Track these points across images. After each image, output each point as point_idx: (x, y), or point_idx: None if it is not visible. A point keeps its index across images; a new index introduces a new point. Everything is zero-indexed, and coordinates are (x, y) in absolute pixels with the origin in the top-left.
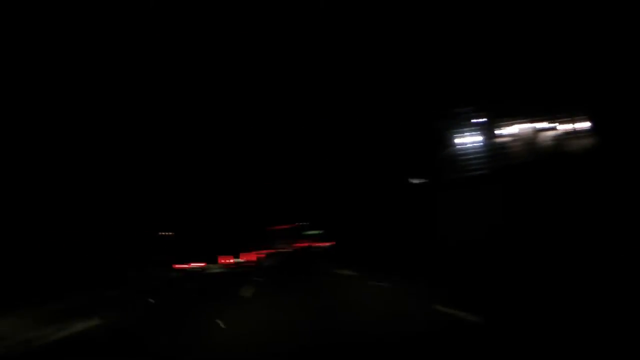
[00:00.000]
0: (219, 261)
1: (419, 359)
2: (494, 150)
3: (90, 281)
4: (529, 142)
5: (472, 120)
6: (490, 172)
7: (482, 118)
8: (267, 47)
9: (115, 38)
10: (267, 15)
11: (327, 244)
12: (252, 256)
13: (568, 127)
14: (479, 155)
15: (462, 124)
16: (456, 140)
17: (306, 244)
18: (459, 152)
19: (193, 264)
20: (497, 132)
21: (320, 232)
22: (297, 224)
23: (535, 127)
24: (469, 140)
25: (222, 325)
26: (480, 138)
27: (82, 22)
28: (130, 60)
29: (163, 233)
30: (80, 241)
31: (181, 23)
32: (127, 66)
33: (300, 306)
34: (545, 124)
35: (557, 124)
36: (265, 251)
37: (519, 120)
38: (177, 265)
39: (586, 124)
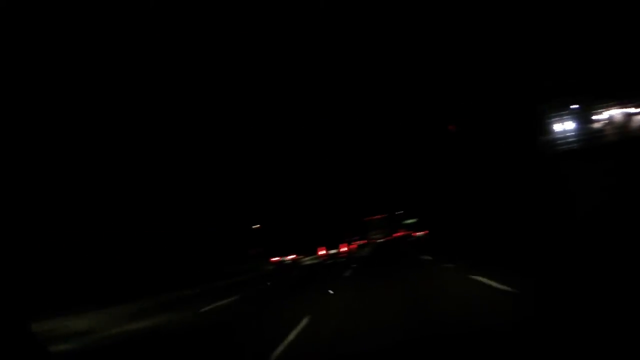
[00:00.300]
0: (317, 253)
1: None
2: (590, 134)
3: (190, 278)
4: (623, 126)
5: (569, 106)
6: (601, 146)
7: (576, 104)
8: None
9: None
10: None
11: (422, 233)
12: (347, 247)
13: None
14: (576, 139)
15: (558, 109)
16: (553, 126)
17: (401, 233)
18: (556, 137)
19: (287, 257)
20: (591, 117)
21: (415, 220)
22: (392, 213)
23: (627, 112)
24: (565, 125)
25: (311, 319)
26: (574, 123)
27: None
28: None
29: (255, 226)
30: (186, 240)
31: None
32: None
33: (394, 300)
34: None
35: None
36: (359, 242)
37: (611, 105)
38: (272, 259)
39: None
